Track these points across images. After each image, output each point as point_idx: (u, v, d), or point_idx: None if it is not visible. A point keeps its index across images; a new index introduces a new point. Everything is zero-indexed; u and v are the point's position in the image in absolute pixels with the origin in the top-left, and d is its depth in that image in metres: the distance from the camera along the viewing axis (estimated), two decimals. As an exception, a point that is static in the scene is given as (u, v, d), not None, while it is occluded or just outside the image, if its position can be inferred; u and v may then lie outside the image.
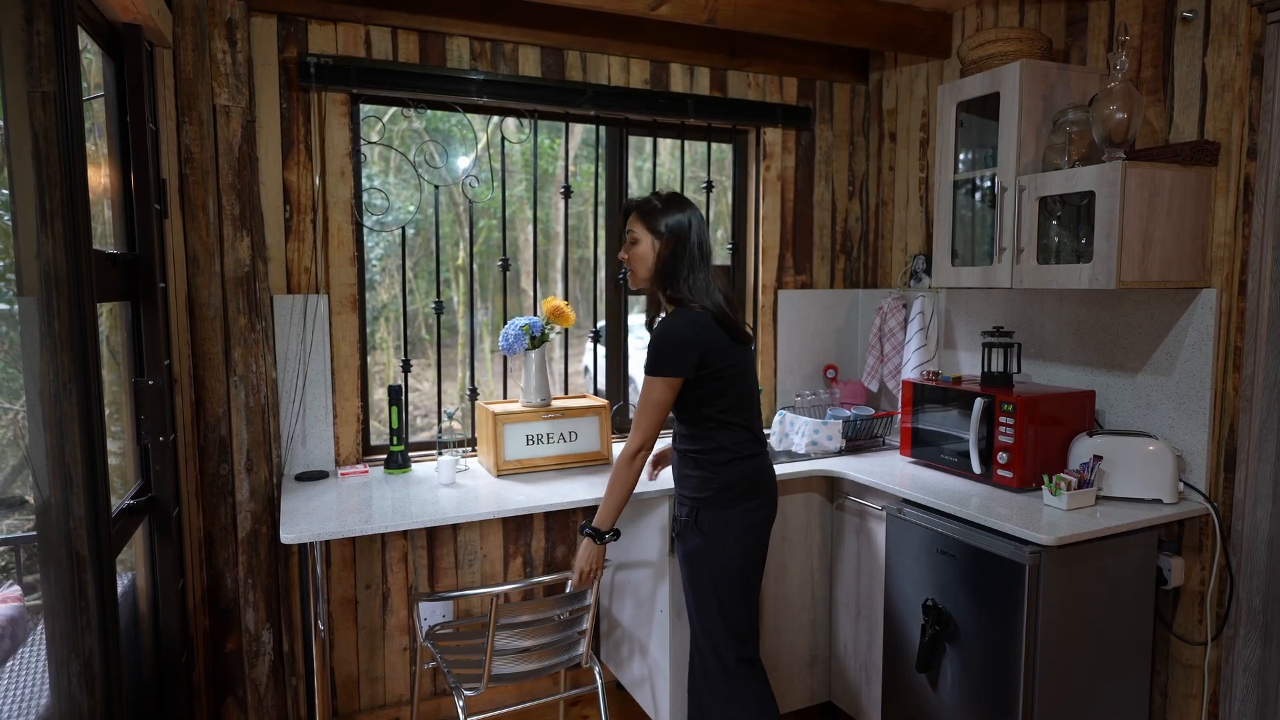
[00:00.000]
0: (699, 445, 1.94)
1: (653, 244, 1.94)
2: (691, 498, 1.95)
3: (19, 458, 2.22)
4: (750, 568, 1.96)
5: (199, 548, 2.23)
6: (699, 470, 1.94)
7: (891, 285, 3.12)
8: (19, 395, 1.92)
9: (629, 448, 1.92)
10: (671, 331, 1.87)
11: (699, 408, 1.91)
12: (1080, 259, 2.06)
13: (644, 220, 1.96)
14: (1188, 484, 2.08)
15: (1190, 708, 2.12)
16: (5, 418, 2.28)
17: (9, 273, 1.67)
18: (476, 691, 1.91)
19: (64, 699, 1.54)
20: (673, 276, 1.93)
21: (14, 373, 2.05)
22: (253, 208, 2.22)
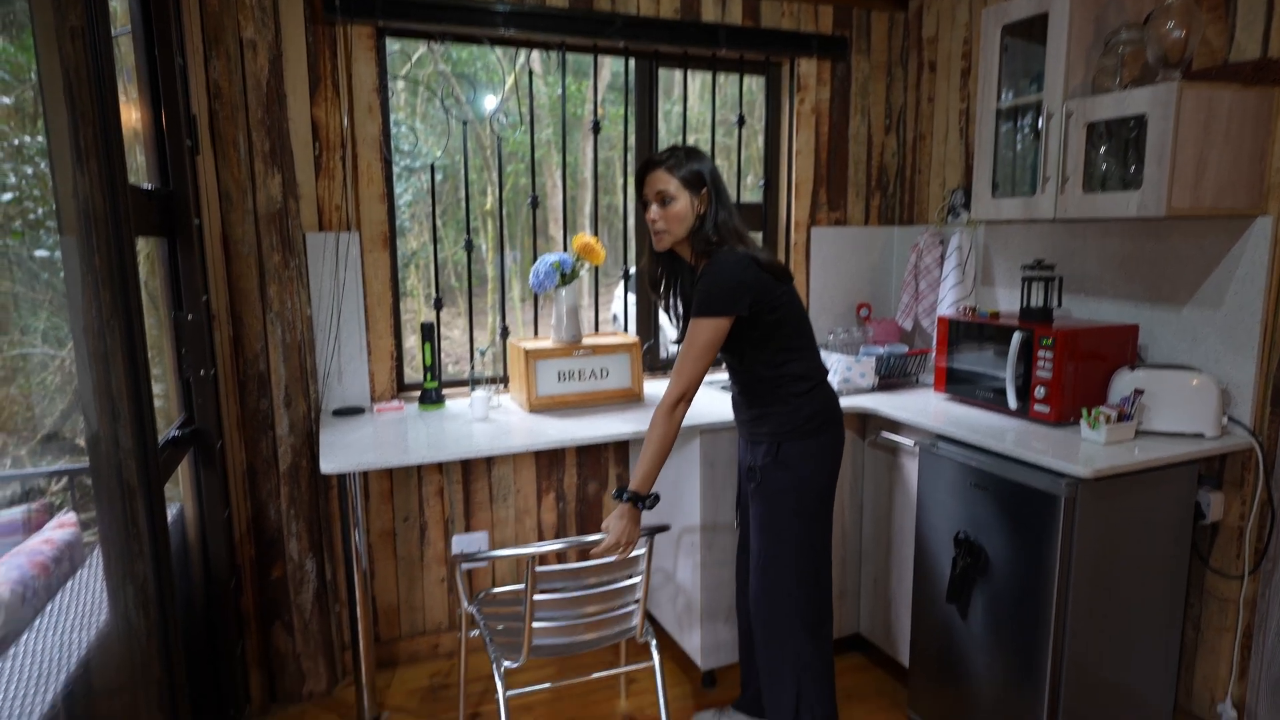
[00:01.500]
0: (773, 381, 1.88)
1: (691, 200, 1.85)
2: (772, 433, 1.89)
3: (69, 402, 2.30)
4: (831, 494, 1.95)
5: (242, 480, 2.30)
6: (778, 405, 1.88)
7: (928, 222, 3.04)
8: (65, 343, 1.97)
9: (669, 398, 1.81)
10: (724, 273, 1.79)
11: (766, 343, 1.86)
12: (1128, 187, 1.99)
13: (676, 174, 1.84)
14: (1232, 418, 2.04)
15: (1223, 641, 2.11)
16: (54, 364, 2.35)
17: (50, 219, 1.70)
18: (516, 663, 1.80)
19: (122, 620, 1.61)
20: (716, 227, 1.85)
21: (59, 321, 2.10)
22: (282, 144, 2.22)
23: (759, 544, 1.96)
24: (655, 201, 1.86)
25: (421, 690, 2.51)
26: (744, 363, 1.92)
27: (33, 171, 2.00)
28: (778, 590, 1.94)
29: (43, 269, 2.10)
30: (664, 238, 1.89)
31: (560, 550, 1.95)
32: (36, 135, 1.89)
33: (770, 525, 1.93)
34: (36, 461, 2.27)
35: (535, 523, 2.79)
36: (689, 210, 1.85)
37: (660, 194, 1.85)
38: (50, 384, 2.40)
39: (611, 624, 1.85)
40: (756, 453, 1.94)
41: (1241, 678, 2.12)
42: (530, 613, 1.74)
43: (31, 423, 2.34)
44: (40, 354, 2.36)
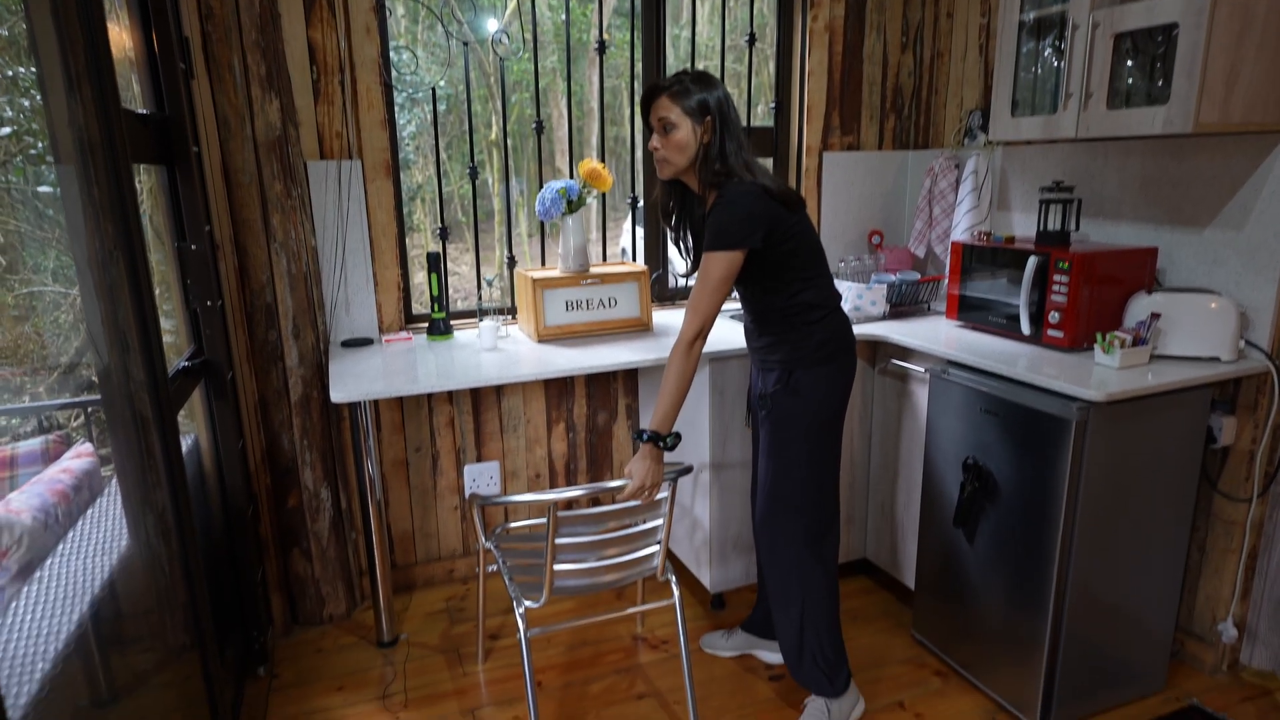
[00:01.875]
0: (786, 310, 1.87)
1: (694, 129, 1.78)
2: (783, 361, 1.88)
3: (81, 339, 2.31)
4: (840, 421, 1.95)
5: (255, 411, 2.32)
6: (791, 333, 1.87)
7: (944, 145, 2.96)
8: (75, 282, 1.97)
9: (685, 334, 1.78)
10: (736, 206, 1.75)
11: (779, 272, 1.83)
12: (1154, 102, 1.91)
13: (679, 102, 1.77)
14: (1249, 342, 2.01)
15: (1227, 562, 2.14)
16: (66, 302, 2.35)
17: (49, 154, 1.67)
18: (537, 604, 1.81)
19: (144, 547, 1.65)
20: (722, 157, 1.79)
21: (68, 260, 2.09)
22: (279, 67, 2.15)
23: (766, 468, 1.96)
24: (659, 128, 1.81)
25: (438, 613, 2.58)
26: (757, 292, 1.89)
27: (30, 105, 1.96)
28: (783, 514, 1.96)
29: (48, 205, 2.07)
30: (665, 166, 1.84)
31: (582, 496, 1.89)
32: (31, 67, 1.84)
33: (779, 451, 1.93)
34: (54, 397, 2.29)
35: (546, 452, 2.82)
36: (692, 139, 1.78)
37: (662, 121, 1.79)
38: (63, 322, 2.41)
39: (632, 565, 1.86)
40: (768, 380, 1.93)
41: (1244, 598, 2.15)
42: (552, 556, 1.76)
43: (46, 360, 2.36)
44: (52, 292, 2.36)
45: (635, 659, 2.32)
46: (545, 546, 1.74)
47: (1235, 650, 2.20)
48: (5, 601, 1.38)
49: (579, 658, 2.33)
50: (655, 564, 1.89)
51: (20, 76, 1.94)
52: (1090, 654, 1.98)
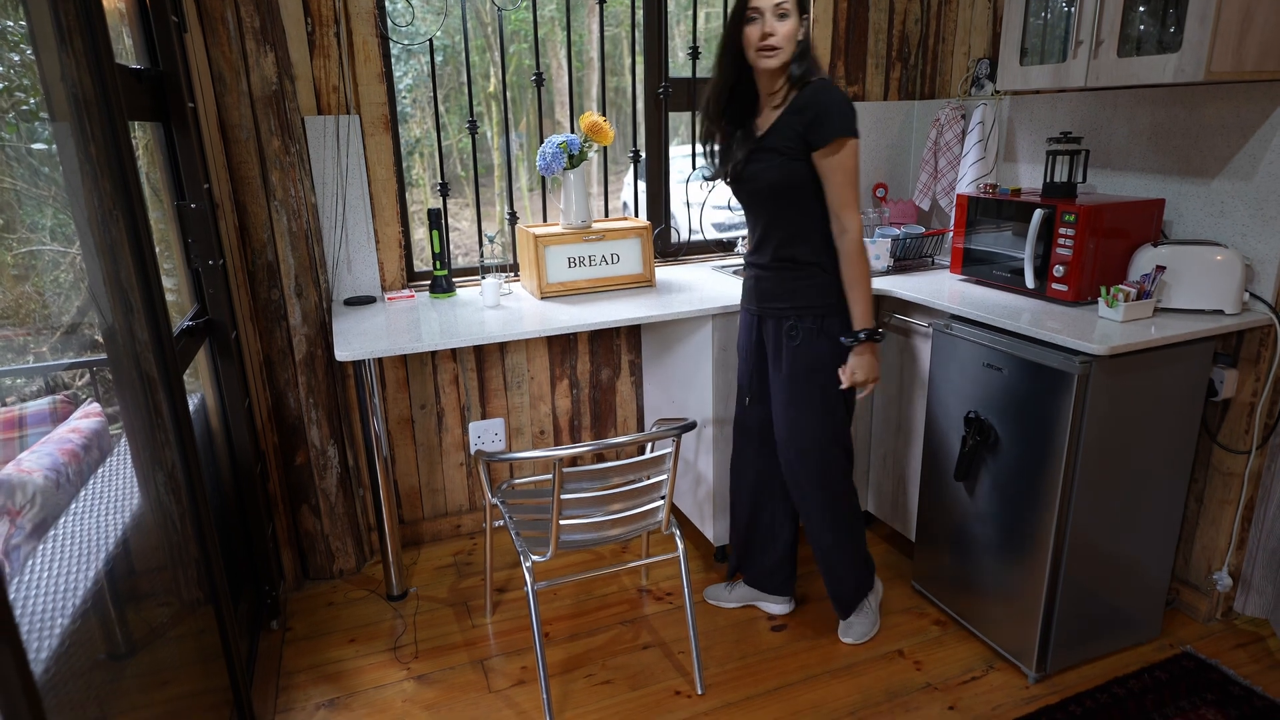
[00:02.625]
0: (819, 248, 1.87)
1: (798, 22, 1.76)
2: (818, 305, 1.89)
3: (83, 298, 2.30)
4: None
5: (260, 370, 2.33)
6: (824, 275, 1.88)
7: (950, 95, 2.91)
8: (74, 240, 1.95)
9: (855, 228, 1.80)
10: (840, 95, 1.76)
11: (821, 196, 1.83)
12: (1165, 50, 1.88)
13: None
14: (1254, 294, 2.01)
15: (1225, 513, 2.16)
16: (65, 260, 2.34)
17: (44, 110, 1.64)
18: (544, 558, 1.85)
19: (155, 505, 1.67)
20: (806, 53, 1.79)
21: (65, 218, 2.08)
22: (273, 19, 2.11)
23: (800, 415, 1.96)
24: (772, 14, 1.73)
25: (446, 567, 2.63)
26: (806, 216, 1.85)
27: (20, 60, 1.93)
28: (828, 451, 2.00)
29: (43, 163, 2.05)
30: (777, 55, 1.76)
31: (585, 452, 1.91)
32: (19, 20, 1.81)
33: (813, 395, 1.95)
34: (57, 356, 2.30)
35: (550, 409, 2.84)
36: (796, 31, 1.76)
37: (779, 6, 1.73)
38: (64, 281, 2.40)
39: (637, 520, 1.89)
40: (801, 322, 1.91)
41: (1240, 548, 2.18)
42: (557, 512, 1.78)
43: (49, 319, 2.36)
44: (51, 251, 2.34)
45: (640, 610, 2.36)
46: (551, 502, 1.76)
47: (1229, 599, 2.24)
48: (22, 559, 1.40)
49: (585, 609, 2.38)
50: (660, 518, 1.91)
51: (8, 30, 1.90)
52: (1086, 603, 2.02)
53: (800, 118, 1.78)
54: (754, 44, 1.77)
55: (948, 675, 2.07)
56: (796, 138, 1.79)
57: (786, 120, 1.81)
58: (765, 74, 1.81)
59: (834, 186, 1.80)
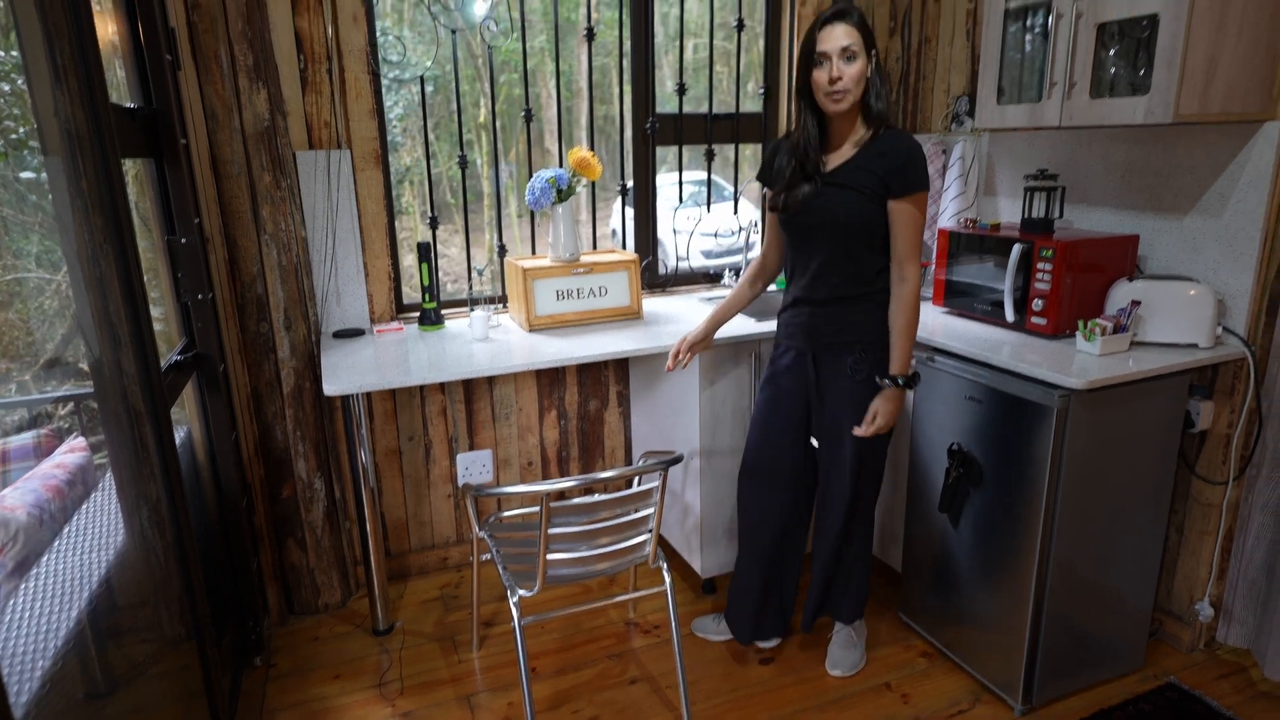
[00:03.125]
0: (875, 284, 1.89)
1: (866, 62, 1.76)
2: (878, 339, 1.91)
3: (68, 326, 2.30)
4: None
5: (247, 403, 2.33)
6: (876, 314, 1.90)
7: (931, 130, 2.98)
8: (59, 267, 1.96)
9: (917, 279, 1.83)
10: (917, 147, 1.79)
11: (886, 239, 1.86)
12: (1136, 92, 1.94)
13: (863, 34, 1.74)
14: (1226, 329, 2.05)
15: (1204, 544, 2.19)
16: (50, 288, 2.34)
17: (33, 139, 1.66)
18: (531, 593, 1.84)
19: (139, 539, 1.66)
20: (880, 94, 1.80)
21: (51, 245, 2.08)
22: (266, 58, 2.14)
23: (857, 453, 1.97)
24: (839, 58, 1.74)
25: (432, 601, 2.61)
26: (867, 254, 1.87)
27: (10, 89, 1.94)
28: (871, 487, 2.07)
29: (30, 191, 2.06)
30: (846, 97, 1.77)
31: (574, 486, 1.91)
32: (10, 50, 1.83)
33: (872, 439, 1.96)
34: (41, 386, 2.29)
35: (538, 440, 2.84)
36: (865, 71, 1.77)
37: (846, 50, 1.74)
38: (48, 308, 2.39)
39: (624, 553, 1.89)
40: (861, 358, 1.92)
41: (1220, 578, 2.20)
42: (544, 547, 1.78)
43: (33, 347, 2.35)
44: (35, 278, 2.34)
45: (628, 644, 2.35)
46: (538, 536, 1.77)
47: (1212, 629, 2.26)
48: (3, 599, 1.39)
49: (572, 643, 2.37)
50: (647, 552, 1.92)
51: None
52: (1071, 634, 2.03)
53: (883, 162, 1.79)
54: (823, 88, 1.77)
55: (935, 708, 2.07)
56: (876, 180, 1.79)
57: (864, 161, 1.81)
58: (836, 115, 1.83)
59: (905, 236, 1.82)
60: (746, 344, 2.34)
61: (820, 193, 1.85)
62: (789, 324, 2.03)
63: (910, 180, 1.78)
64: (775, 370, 2.09)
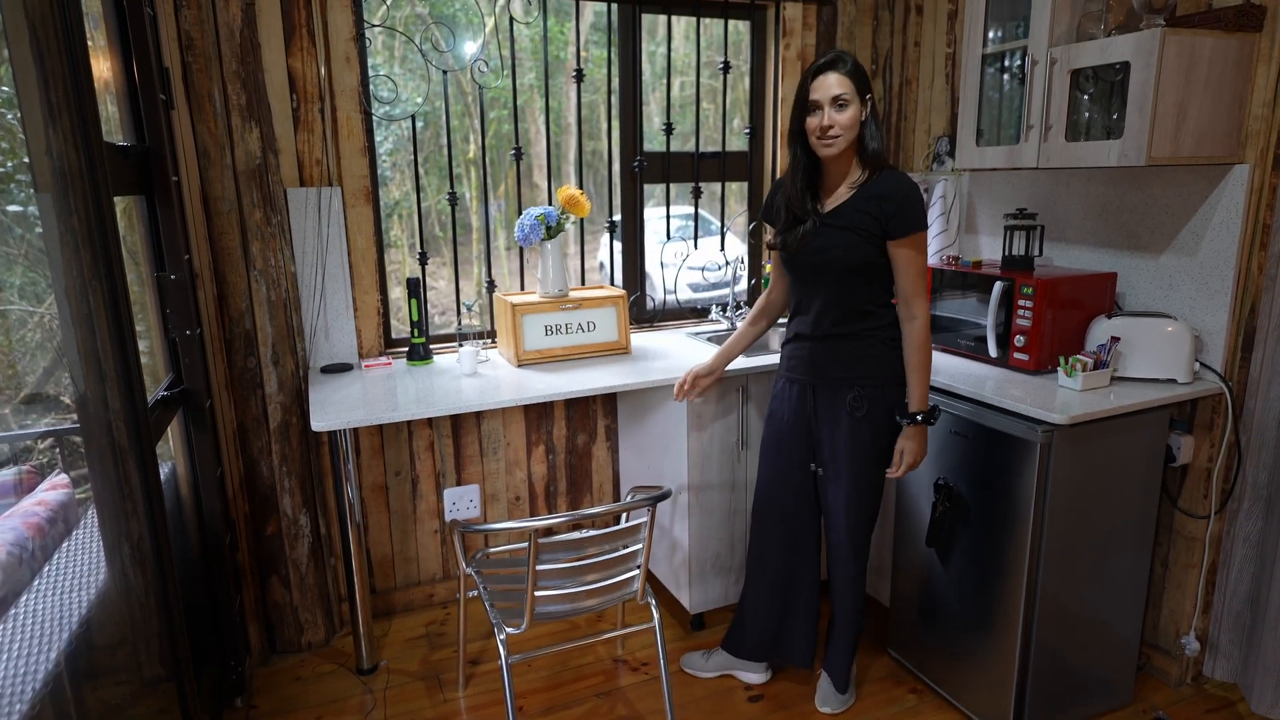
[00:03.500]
0: (877, 323, 1.92)
1: (860, 108, 1.81)
2: (878, 376, 1.93)
3: (50, 359, 2.28)
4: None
5: (233, 438, 2.31)
6: (879, 346, 1.93)
7: (913, 169, 3.04)
8: (43, 299, 1.96)
9: (926, 315, 1.87)
10: (913, 187, 1.84)
11: (888, 277, 1.90)
12: (1110, 135, 2.00)
13: (856, 81, 1.80)
14: (1204, 364, 2.09)
15: (1189, 577, 2.20)
16: (33, 320, 2.33)
17: (19, 174, 1.67)
18: (519, 630, 1.83)
19: (119, 578, 1.64)
20: (876, 136, 1.86)
21: (35, 276, 2.08)
22: (259, 97, 2.17)
23: (856, 485, 1.99)
24: (831, 106, 1.80)
25: (418, 638, 2.58)
26: (867, 292, 1.91)
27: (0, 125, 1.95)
28: (868, 524, 2.07)
29: (15, 223, 2.06)
30: (837, 143, 1.82)
31: (562, 522, 1.90)
32: (2, 86, 1.84)
33: (870, 466, 1.98)
34: (21, 420, 2.27)
35: (525, 475, 2.83)
36: (858, 117, 1.82)
37: (838, 99, 1.79)
38: (30, 340, 2.38)
39: (613, 589, 1.88)
40: (861, 395, 1.93)
41: (1205, 612, 2.22)
42: (533, 583, 1.77)
43: (15, 380, 2.33)
44: (18, 310, 2.33)
45: (616, 682, 2.33)
46: (526, 572, 1.76)
47: (1199, 663, 2.27)
48: (-18, 639, 1.36)
49: (560, 681, 2.34)
50: (635, 588, 1.91)
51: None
52: (1060, 669, 2.03)
53: (880, 204, 1.83)
54: (815, 134, 1.83)
55: (925, 745, 2.06)
56: (874, 222, 1.84)
57: (861, 203, 1.86)
58: (829, 159, 1.88)
59: (909, 276, 1.86)
60: (735, 379, 2.36)
61: (819, 232, 1.89)
62: (791, 356, 2.06)
63: (908, 222, 1.82)
64: (776, 403, 2.12)
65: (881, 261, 1.87)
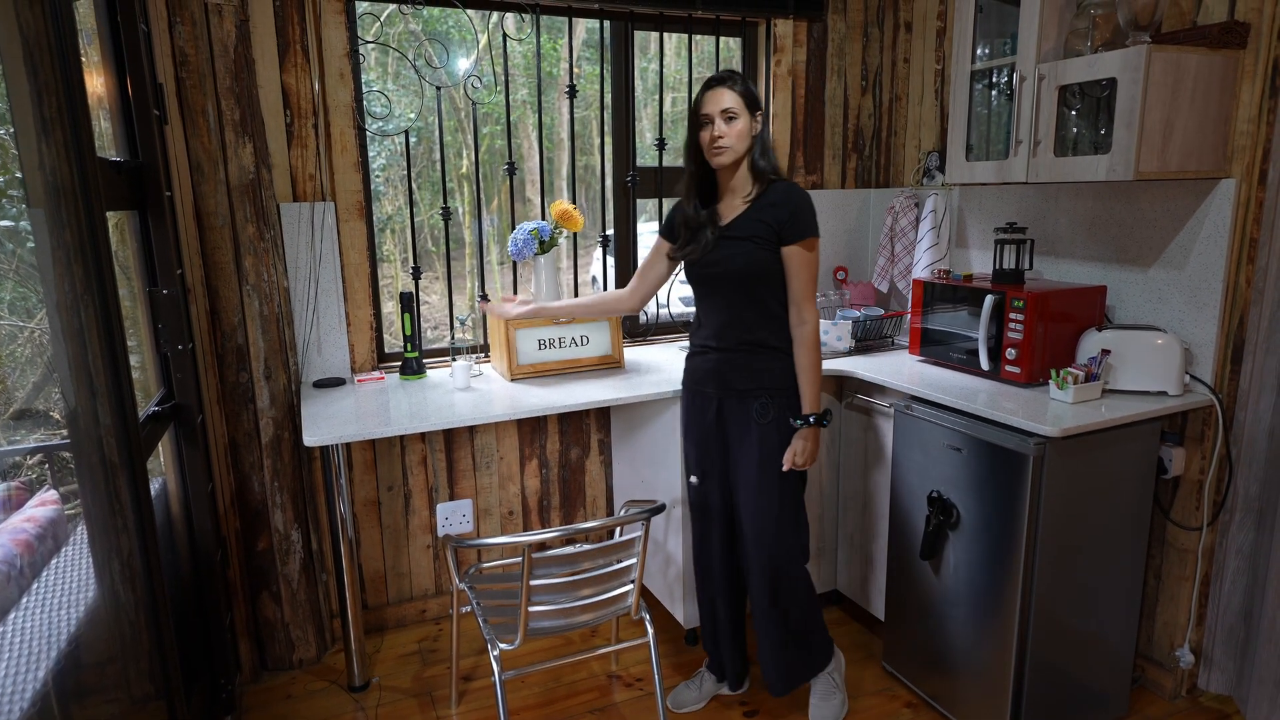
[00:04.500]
0: (780, 332, 1.97)
1: (750, 121, 1.91)
2: (784, 385, 1.98)
3: (40, 374, 2.27)
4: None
5: (225, 453, 2.30)
6: (782, 357, 1.98)
7: (904, 184, 3.06)
8: (34, 313, 1.95)
9: (815, 320, 1.94)
10: (806, 196, 1.92)
11: (783, 285, 1.96)
12: (1098, 150, 2.02)
13: (744, 95, 1.90)
14: (1194, 376, 2.10)
15: (1182, 589, 2.21)
16: (23, 335, 2.32)
17: (10, 189, 1.67)
18: (512, 646, 1.82)
19: (109, 595, 1.63)
20: (766, 150, 1.95)
21: (26, 291, 2.07)
22: (253, 112, 2.17)
23: (773, 496, 1.99)
24: (721, 119, 1.89)
25: (410, 655, 2.56)
26: (768, 301, 1.96)
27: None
28: (794, 533, 2.05)
29: (7, 238, 2.06)
30: (726, 153, 1.91)
31: (556, 537, 1.90)
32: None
33: (781, 478, 1.99)
34: (11, 435, 2.25)
35: (519, 489, 2.82)
36: (749, 130, 1.91)
37: (726, 111, 1.89)
38: (21, 355, 2.37)
39: (606, 605, 1.88)
40: (768, 404, 1.97)
41: (1199, 624, 2.22)
42: (526, 598, 1.76)
43: (5, 395, 2.31)
44: (9, 325, 2.32)
45: (610, 698, 2.31)
46: (519, 587, 1.75)
47: (1193, 675, 2.26)
48: (-32, 658, 1.35)
49: (554, 697, 2.32)
50: (629, 603, 1.90)
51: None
52: (1055, 682, 2.03)
53: (774, 211, 1.90)
54: (707, 145, 1.92)
55: (921, 760, 2.05)
56: (768, 229, 1.90)
57: (757, 212, 1.92)
58: (722, 169, 1.96)
59: (801, 280, 1.92)
60: (727, 392, 2.36)
61: (718, 244, 1.96)
62: (697, 369, 2.09)
63: (801, 226, 1.89)
64: (689, 419, 2.15)
65: (779, 269, 1.93)
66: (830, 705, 2.18)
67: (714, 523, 2.15)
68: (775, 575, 2.04)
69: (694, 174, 2.01)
